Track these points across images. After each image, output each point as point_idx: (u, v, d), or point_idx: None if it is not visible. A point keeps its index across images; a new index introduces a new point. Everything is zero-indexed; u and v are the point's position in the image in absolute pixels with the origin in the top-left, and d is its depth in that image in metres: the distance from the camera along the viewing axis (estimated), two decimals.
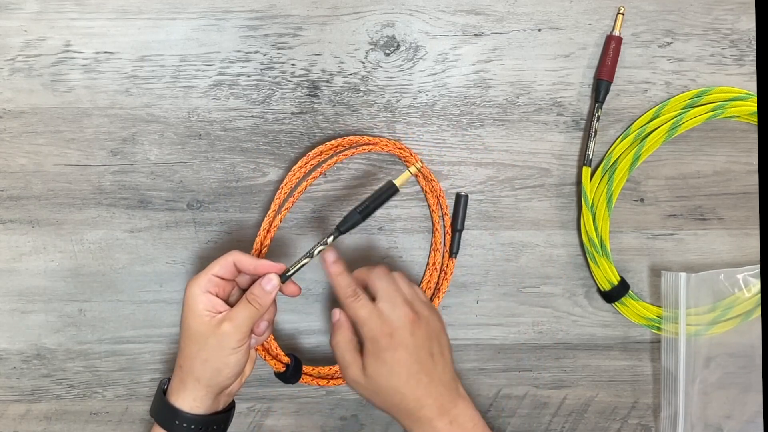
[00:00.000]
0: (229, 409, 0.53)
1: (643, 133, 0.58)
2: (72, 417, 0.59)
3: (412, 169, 0.52)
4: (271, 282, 0.49)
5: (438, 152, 0.58)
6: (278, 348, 0.56)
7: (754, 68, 0.59)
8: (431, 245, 0.59)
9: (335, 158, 0.56)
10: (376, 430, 0.60)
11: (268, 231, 0.55)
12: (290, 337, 0.59)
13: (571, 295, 0.60)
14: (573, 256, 0.60)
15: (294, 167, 0.55)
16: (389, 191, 0.51)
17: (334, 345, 0.50)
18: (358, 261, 0.59)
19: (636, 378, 0.61)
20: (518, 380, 0.61)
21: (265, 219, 0.55)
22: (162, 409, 0.50)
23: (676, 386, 0.58)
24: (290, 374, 0.56)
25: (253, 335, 0.51)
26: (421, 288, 0.58)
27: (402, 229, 0.59)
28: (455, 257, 0.58)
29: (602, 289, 0.59)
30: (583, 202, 0.58)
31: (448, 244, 0.58)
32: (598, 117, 0.57)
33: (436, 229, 0.58)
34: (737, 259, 0.61)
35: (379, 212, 0.58)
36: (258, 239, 0.55)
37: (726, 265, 0.60)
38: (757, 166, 0.60)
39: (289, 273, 0.51)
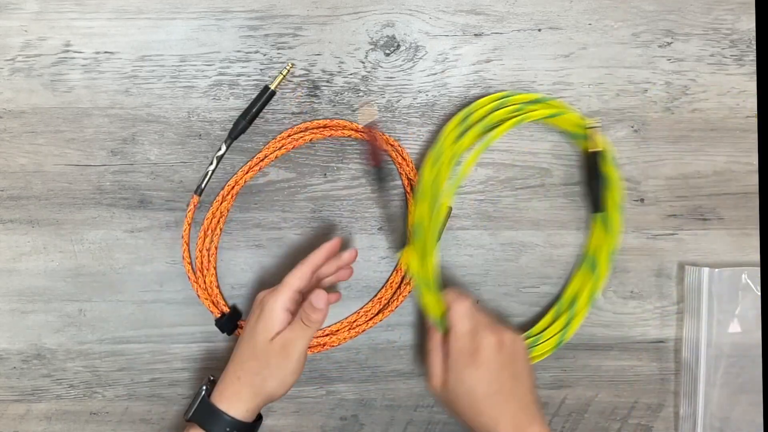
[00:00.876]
0: (261, 417, 0.54)
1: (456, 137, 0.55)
2: (72, 417, 0.59)
3: (284, 71, 0.56)
4: (321, 297, 0.50)
5: None
6: (219, 296, 0.57)
7: (754, 68, 0.59)
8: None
9: (323, 133, 0.57)
10: (376, 431, 0.60)
11: (237, 183, 0.56)
12: None
13: None
14: (573, 256, 0.60)
15: (278, 136, 0.57)
16: (268, 95, 0.56)
17: (428, 350, 0.53)
18: (359, 261, 0.59)
19: (636, 378, 0.61)
20: None
21: (239, 171, 0.57)
22: (210, 415, 0.50)
23: (696, 385, 0.58)
24: (224, 322, 0.57)
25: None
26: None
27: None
28: None
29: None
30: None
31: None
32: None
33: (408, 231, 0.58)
34: (737, 259, 0.61)
35: (379, 212, 0.58)
36: (227, 187, 0.56)
37: (726, 265, 0.60)
38: (757, 166, 0.60)
39: (203, 185, 0.56)
